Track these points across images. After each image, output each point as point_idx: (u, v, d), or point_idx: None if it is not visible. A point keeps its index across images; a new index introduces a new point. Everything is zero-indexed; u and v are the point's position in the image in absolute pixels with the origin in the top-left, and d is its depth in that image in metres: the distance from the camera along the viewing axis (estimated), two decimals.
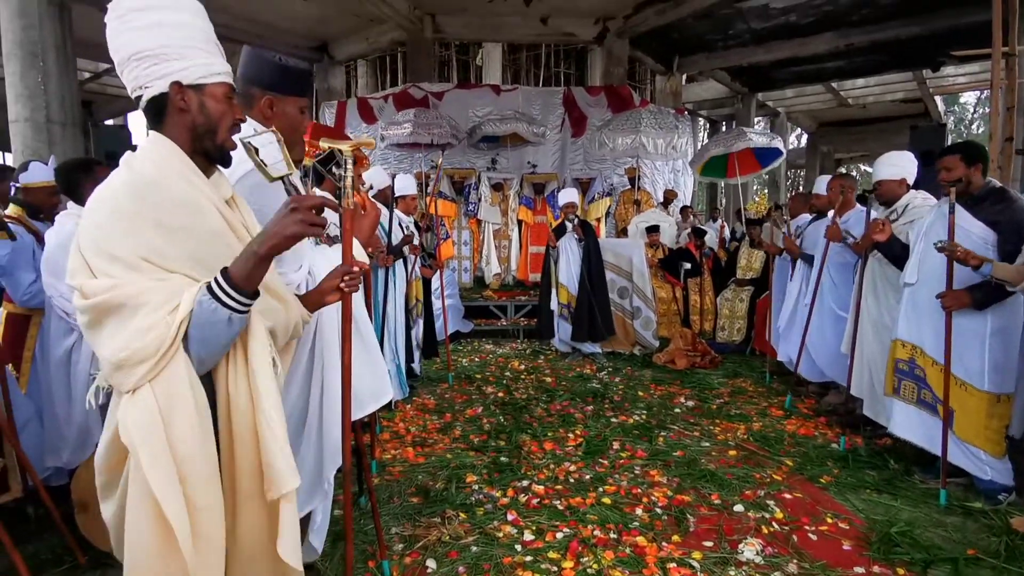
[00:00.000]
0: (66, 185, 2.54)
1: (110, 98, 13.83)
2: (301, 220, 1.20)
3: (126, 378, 1.16)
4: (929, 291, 2.90)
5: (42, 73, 5.66)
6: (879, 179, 3.51)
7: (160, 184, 1.24)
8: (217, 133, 1.32)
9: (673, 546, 2.47)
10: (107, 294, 1.15)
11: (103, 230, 1.18)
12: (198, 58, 1.28)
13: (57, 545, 2.46)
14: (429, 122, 7.64)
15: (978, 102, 26.47)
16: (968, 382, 2.82)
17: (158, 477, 1.14)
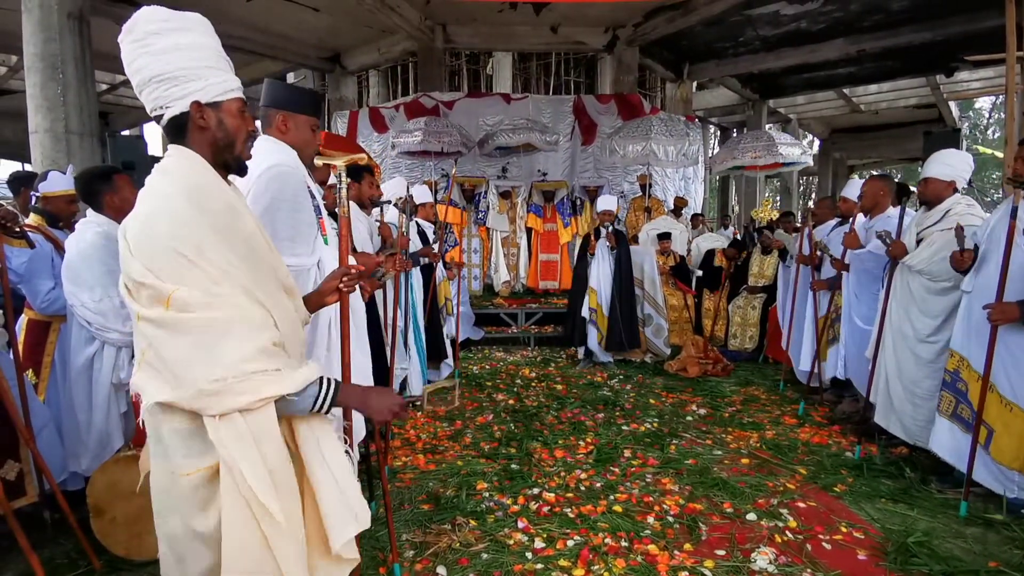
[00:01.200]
0: (86, 193, 2.58)
1: (126, 109, 14.08)
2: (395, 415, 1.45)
3: (217, 403, 1.19)
4: (982, 300, 2.71)
5: (61, 85, 5.77)
6: (928, 176, 3.28)
7: (206, 191, 1.30)
8: (235, 146, 1.39)
9: (685, 554, 2.45)
10: (202, 312, 1.18)
11: (172, 236, 1.20)
12: (214, 77, 1.33)
13: (72, 550, 2.49)
14: (439, 130, 7.72)
15: (993, 107, 26.22)
16: (1015, 402, 2.63)
17: (261, 483, 1.21)
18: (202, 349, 1.18)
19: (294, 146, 1.89)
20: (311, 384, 1.30)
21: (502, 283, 8.15)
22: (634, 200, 8.75)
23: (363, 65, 11.69)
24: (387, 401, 1.44)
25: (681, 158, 7.67)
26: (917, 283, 3.26)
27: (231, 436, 1.20)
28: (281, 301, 1.38)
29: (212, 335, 1.19)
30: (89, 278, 2.45)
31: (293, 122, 1.90)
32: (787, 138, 7.74)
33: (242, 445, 1.21)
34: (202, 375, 1.17)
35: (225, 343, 1.19)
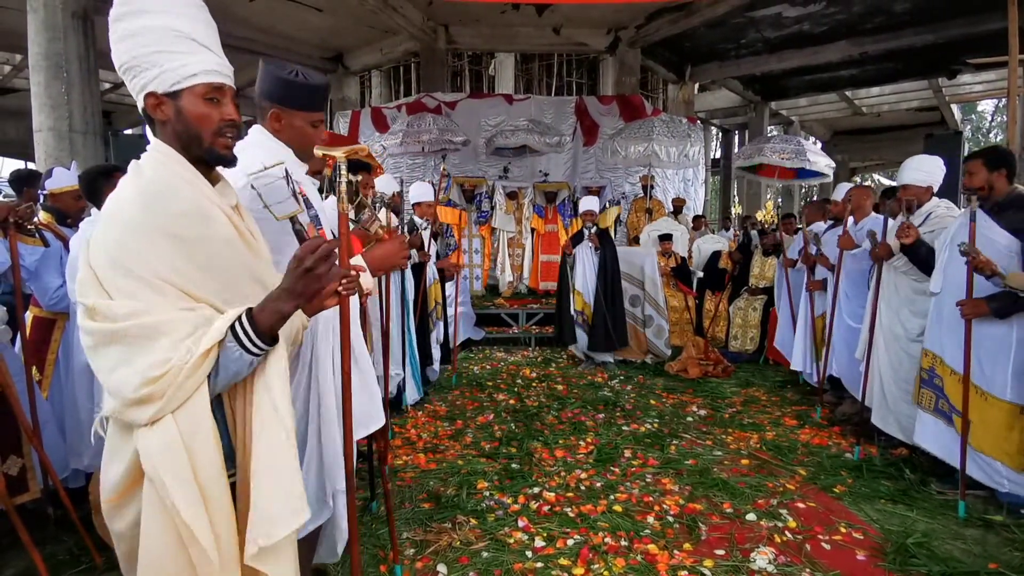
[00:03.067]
0: (89, 191, 2.60)
1: (129, 108, 14.11)
2: (316, 276, 1.17)
3: (145, 412, 1.10)
4: (952, 300, 2.86)
5: (65, 83, 5.81)
6: (905, 183, 3.44)
7: (168, 192, 1.18)
8: (201, 139, 1.24)
9: (685, 554, 2.46)
10: (129, 321, 1.09)
11: (118, 244, 1.12)
12: (169, 62, 1.19)
13: (74, 546, 2.50)
14: (420, 129, 7.60)
15: (996, 110, 26.21)
16: (989, 392, 2.76)
17: (186, 501, 1.11)
18: (121, 358, 1.09)
19: (289, 144, 1.72)
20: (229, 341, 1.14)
21: (507, 283, 8.16)
22: (635, 201, 8.76)
23: (365, 65, 11.73)
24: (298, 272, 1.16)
25: (683, 159, 7.68)
26: (905, 284, 3.34)
27: (158, 445, 1.11)
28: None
29: (132, 344, 1.09)
30: None
31: (287, 119, 1.69)
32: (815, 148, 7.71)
33: (169, 455, 1.10)
34: (122, 385, 1.09)
35: (145, 352, 1.09)
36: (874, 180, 24.54)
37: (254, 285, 1.28)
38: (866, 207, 4.18)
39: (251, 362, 1.18)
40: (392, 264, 1.79)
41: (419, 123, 7.74)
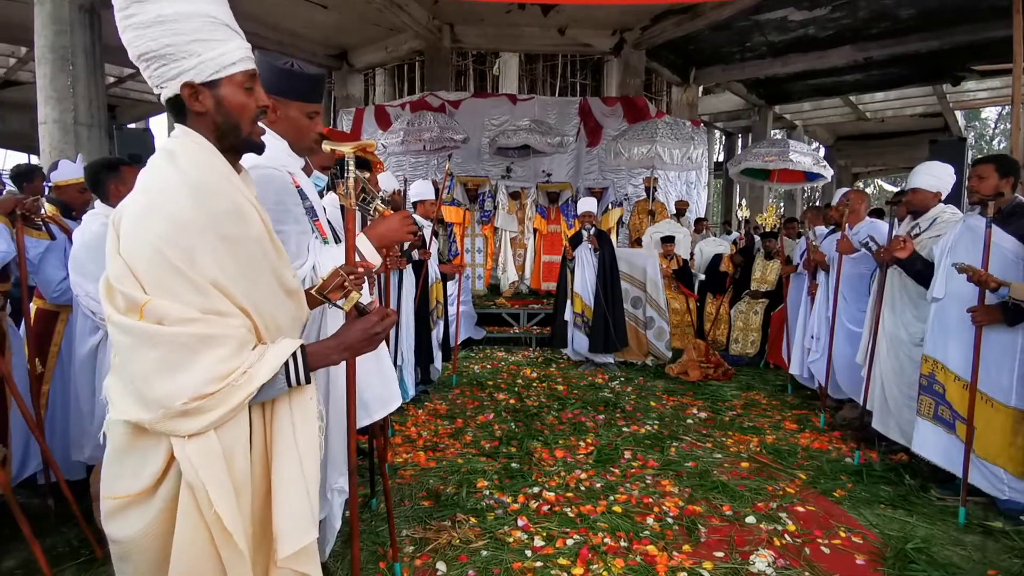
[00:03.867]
0: (93, 184, 2.60)
1: (133, 102, 14.16)
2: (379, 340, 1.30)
3: (191, 424, 1.09)
4: (957, 306, 2.83)
5: (71, 76, 5.82)
6: (915, 187, 3.40)
7: (212, 189, 1.15)
8: (240, 128, 1.22)
9: (684, 555, 2.46)
10: (181, 328, 1.06)
11: (167, 240, 1.07)
12: (208, 51, 1.16)
13: (74, 538, 2.51)
14: (420, 128, 7.62)
15: (999, 118, 26.20)
16: (994, 397, 2.74)
17: (228, 509, 1.12)
18: (170, 367, 1.06)
19: (286, 136, 1.70)
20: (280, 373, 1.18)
21: (509, 283, 8.17)
22: (638, 203, 8.76)
23: (370, 63, 11.74)
24: (362, 331, 1.27)
25: (686, 162, 7.68)
26: (911, 287, 3.32)
27: (201, 455, 1.10)
28: (281, 306, 1.28)
29: (183, 353, 1.07)
30: (94, 268, 2.46)
31: (283, 110, 1.66)
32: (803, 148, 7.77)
33: (212, 465, 1.10)
34: (167, 396, 1.06)
35: (196, 362, 1.07)
36: (876, 186, 24.55)
37: (275, 284, 1.27)
38: (860, 211, 4.20)
39: (285, 390, 1.21)
40: (396, 238, 1.79)
41: (420, 121, 7.74)
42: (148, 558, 1.17)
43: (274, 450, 1.24)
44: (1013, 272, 2.69)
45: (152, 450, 1.13)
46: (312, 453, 1.27)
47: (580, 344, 5.78)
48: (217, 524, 1.12)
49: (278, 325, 1.27)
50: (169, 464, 1.14)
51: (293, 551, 1.21)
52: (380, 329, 1.28)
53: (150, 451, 1.14)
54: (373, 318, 1.29)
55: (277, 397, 1.23)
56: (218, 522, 1.11)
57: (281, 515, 1.22)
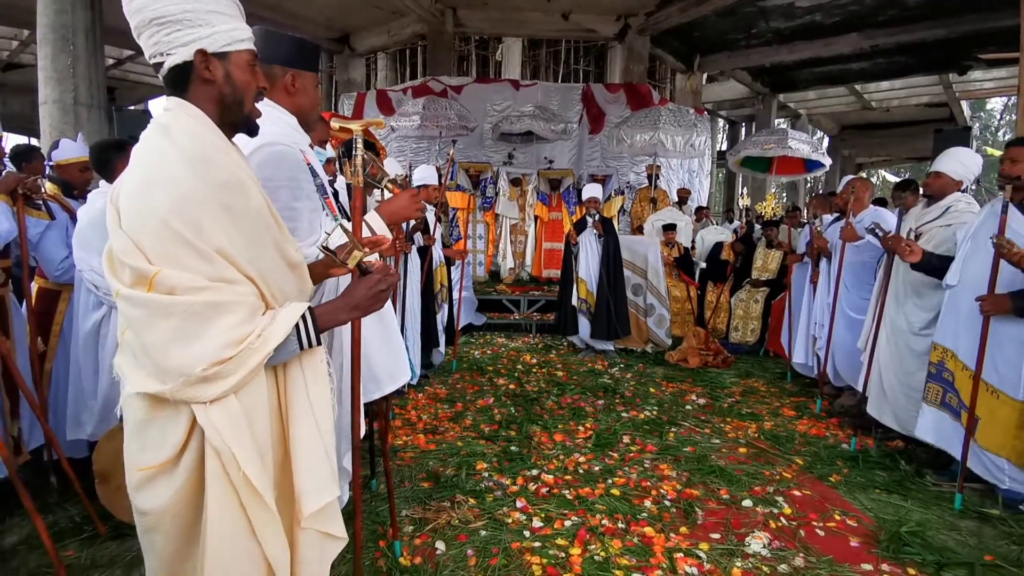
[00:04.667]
0: (99, 163, 2.60)
1: (132, 84, 14.09)
2: (385, 298, 1.33)
3: (211, 390, 1.11)
4: (970, 295, 2.77)
5: (72, 56, 5.79)
6: (939, 171, 3.30)
7: (211, 161, 1.16)
8: (244, 104, 1.26)
9: (681, 537, 2.49)
10: (192, 296, 1.08)
11: (172, 211, 1.08)
12: (222, 24, 1.19)
13: (77, 515, 2.53)
14: (438, 113, 7.64)
15: (1005, 108, 26.01)
16: (1001, 389, 2.70)
17: (256, 470, 1.15)
18: (185, 335, 1.08)
19: (301, 109, 1.70)
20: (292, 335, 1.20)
21: (508, 270, 8.17)
22: (640, 191, 8.74)
23: (372, 47, 11.66)
24: (367, 289, 1.31)
25: (689, 149, 7.65)
26: (914, 277, 3.29)
27: (224, 419, 1.12)
28: (284, 278, 1.29)
29: (197, 321, 1.08)
30: (98, 244, 2.47)
31: (302, 81, 1.67)
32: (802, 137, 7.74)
33: (235, 428, 1.13)
34: (185, 364, 1.08)
35: (211, 329, 1.09)
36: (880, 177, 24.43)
37: (278, 257, 1.28)
38: (864, 200, 4.17)
39: (296, 352, 1.24)
40: (406, 215, 1.82)
41: (434, 106, 7.73)
42: (178, 524, 1.19)
43: (290, 413, 1.27)
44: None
45: (172, 420, 1.15)
46: (326, 414, 1.30)
47: (583, 330, 5.79)
48: (245, 486, 1.15)
49: (284, 294, 1.28)
50: (190, 432, 1.16)
51: (317, 508, 1.25)
52: (384, 286, 1.32)
53: (170, 421, 1.15)
54: (376, 276, 1.32)
55: (289, 361, 1.26)
56: (246, 484, 1.14)
57: (302, 474, 1.25)
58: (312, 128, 1.80)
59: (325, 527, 1.29)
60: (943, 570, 2.28)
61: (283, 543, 1.22)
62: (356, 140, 1.54)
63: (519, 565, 2.27)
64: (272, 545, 1.20)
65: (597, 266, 5.67)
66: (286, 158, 1.58)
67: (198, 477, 1.17)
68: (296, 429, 1.27)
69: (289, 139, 1.64)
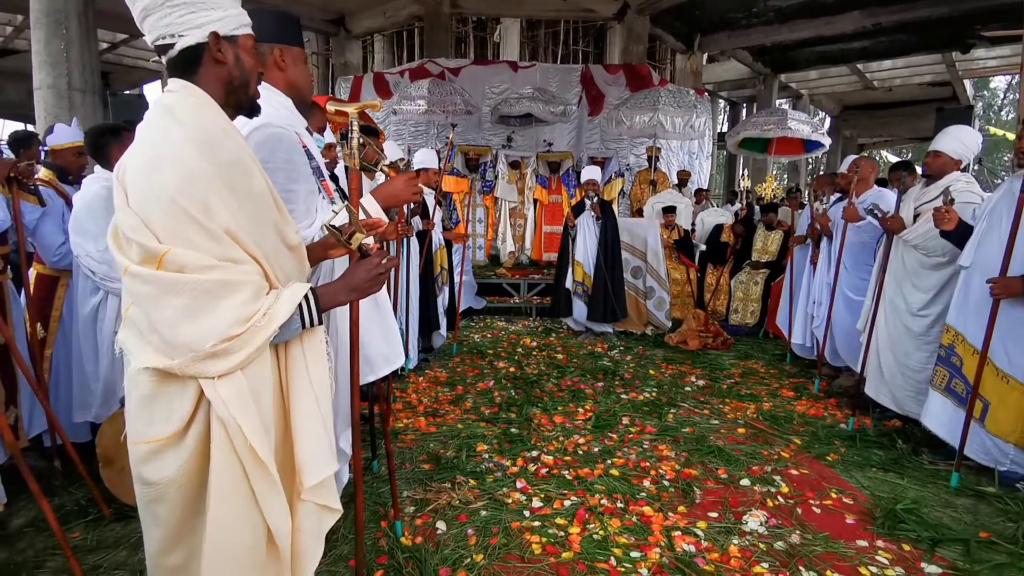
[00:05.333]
0: (94, 149, 2.58)
1: (127, 69, 13.96)
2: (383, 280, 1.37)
3: (219, 366, 1.14)
4: (981, 277, 2.72)
5: (65, 40, 5.73)
6: (938, 150, 3.25)
7: (216, 141, 1.18)
8: (249, 86, 1.30)
9: (679, 516, 2.52)
10: (202, 275, 1.11)
11: (179, 190, 1.10)
12: (232, 8, 1.25)
13: (82, 498, 2.56)
14: (443, 98, 7.58)
15: (1008, 87, 25.74)
16: (1011, 375, 2.67)
17: (262, 443, 1.19)
18: (194, 312, 1.11)
19: (294, 85, 1.70)
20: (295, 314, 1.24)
21: (508, 253, 8.15)
22: (640, 173, 8.68)
23: (368, 29, 11.52)
24: (366, 272, 1.34)
25: (688, 130, 7.59)
26: (912, 257, 3.30)
27: (231, 393, 1.16)
28: (284, 260, 1.31)
29: (207, 299, 1.11)
30: (94, 228, 2.47)
31: (290, 56, 1.68)
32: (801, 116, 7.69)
33: (242, 402, 1.17)
34: (195, 340, 1.11)
35: (219, 307, 1.12)
36: (882, 157, 24.29)
37: (277, 238, 1.30)
38: (869, 180, 4.13)
39: (299, 331, 1.27)
40: (403, 198, 1.87)
41: (440, 90, 7.66)
42: (184, 495, 1.22)
43: (291, 389, 1.31)
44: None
45: (179, 394, 1.18)
46: (325, 392, 1.35)
47: (579, 313, 5.80)
48: (251, 457, 1.19)
49: (286, 274, 1.31)
50: (197, 405, 1.19)
51: (317, 480, 1.30)
52: (383, 269, 1.35)
53: (176, 395, 1.18)
54: (375, 259, 1.35)
55: (291, 341, 1.30)
56: (252, 455, 1.18)
57: (303, 448, 1.30)
58: (308, 105, 1.78)
59: (323, 500, 1.34)
60: (938, 546, 2.31)
61: (285, 511, 1.25)
62: (352, 123, 1.54)
63: (519, 544, 2.30)
64: (275, 514, 1.24)
65: (595, 249, 5.66)
66: (282, 140, 1.58)
67: (204, 449, 1.20)
68: (297, 405, 1.31)
69: (285, 121, 1.63)
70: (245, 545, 1.23)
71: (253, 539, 1.23)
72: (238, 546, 1.22)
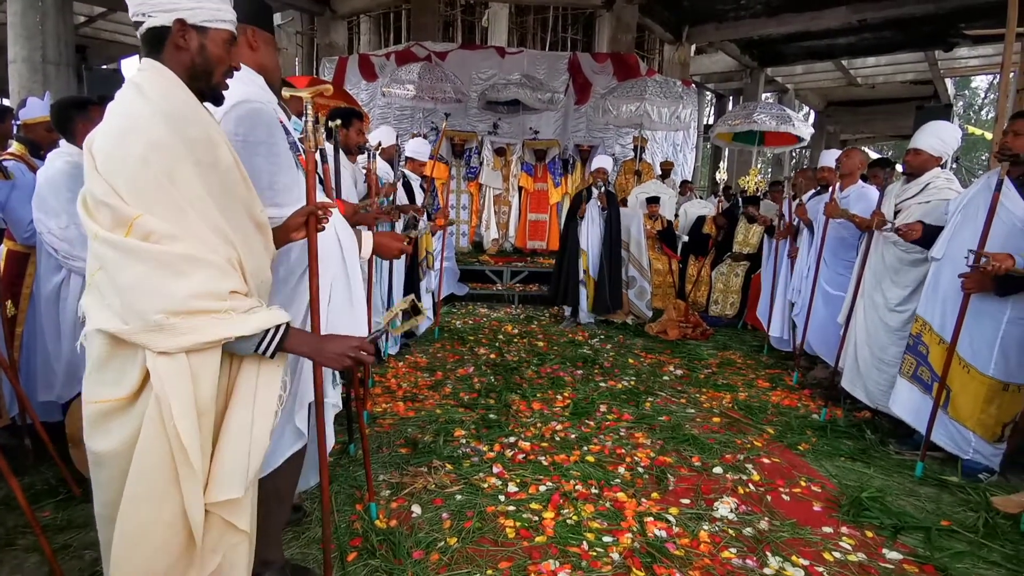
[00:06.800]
0: (59, 122, 2.52)
1: (104, 43, 13.59)
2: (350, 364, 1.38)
3: (163, 341, 1.15)
4: (952, 270, 2.79)
5: (40, 13, 5.58)
6: (917, 147, 3.28)
7: (183, 117, 1.22)
8: (212, 76, 1.32)
9: (652, 502, 2.55)
10: (163, 244, 1.13)
11: (144, 161, 1.13)
12: (209, 2, 1.27)
13: (52, 477, 2.54)
14: (433, 84, 7.52)
15: (990, 87, 26.15)
16: (973, 364, 2.76)
17: (187, 427, 1.19)
18: (156, 280, 1.13)
19: (264, 68, 1.73)
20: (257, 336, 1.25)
21: (491, 241, 8.14)
22: (625, 163, 8.70)
23: (354, 9, 11.32)
24: (341, 346, 1.37)
25: (674, 121, 7.62)
26: (891, 253, 3.34)
27: (170, 370, 1.17)
28: (251, 238, 1.34)
29: (170, 268, 1.14)
30: (56, 205, 2.42)
31: (262, 38, 1.72)
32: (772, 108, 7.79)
33: (178, 382, 1.17)
34: (151, 307, 1.13)
35: (180, 278, 1.14)
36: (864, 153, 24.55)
37: (246, 216, 1.32)
38: (855, 174, 4.11)
39: (249, 352, 1.29)
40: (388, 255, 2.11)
41: (430, 76, 7.57)
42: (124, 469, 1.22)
43: (231, 403, 1.31)
44: (1015, 242, 2.58)
45: (130, 360, 1.20)
46: (266, 419, 1.33)
47: (582, 303, 5.80)
48: (176, 439, 1.18)
49: (252, 252, 1.32)
50: (147, 376, 1.20)
51: (216, 500, 1.26)
52: (354, 355, 1.38)
53: (128, 360, 1.20)
54: (354, 342, 1.39)
55: (248, 357, 1.31)
56: (177, 437, 1.18)
57: (216, 464, 1.27)
58: (277, 88, 1.81)
59: (229, 516, 1.31)
60: (900, 533, 2.38)
61: (200, 503, 1.24)
62: (307, 106, 1.56)
63: (493, 528, 2.32)
64: (191, 502, 1.23)
65: (598, 240, 5.69)
66: (261, 115, 1.60)
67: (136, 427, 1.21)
68: (229, 421, 1.29)
69: (262, 98, 1.65)
70: (160, 523, 1.22)
71: (170, 518, 1.23)
72: (151, 524, 1.22)
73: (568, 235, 5.92)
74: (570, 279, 5.82)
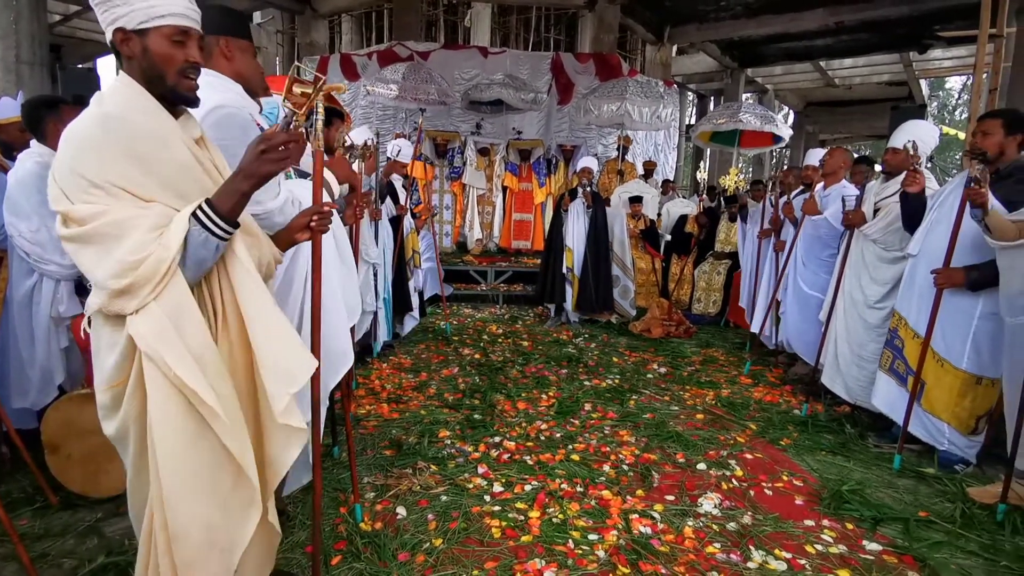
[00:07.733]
0: (30, 122, 2.47)
1: (79, 42, 13.34)
2: (272, 159, 1.29)
3: (130, 301, 1.22)
4: (927, 265, 2.86)
5: (14, 12, 5.47)
6: (896, 147, 3.32)
7: (126, 119, 1.27)
8: (165, 77, 1.32)
9: (637, 499, 2.57)
10: (95, 221, 1.21)
11: (74, 158, 1.22)
12: (140, 1, 1.27)
13: (28, 485, 2.48)
14: (417, 85, 7.48)
15: (963, 88, 26.71)
16: (947, 359, 2.82)
17: (187, 370, 1.24)
18: (102, 251, 1.21)
19: (241, 75, 1.77)
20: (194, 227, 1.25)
21: (475, 241, 8.12)
22: (608, 162, 8.74)
23: (336, 8, 11.23)
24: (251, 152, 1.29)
25: (655, 120, 7.67)
26: (871, 251, 3.40)
27: (148, 326, 1.23)
28: None
29: (108, 237, 1.21)
30: (26, 207, 2.37)
31: (237, 47, 1.77)
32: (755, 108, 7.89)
33: (161, 333, 1.24)
34: (105, 274, 1.21)
35: (119, 240, 1.21)
36: None
37: None
38: (839, 173, 4.13)
39: (217, 246, 1.29)
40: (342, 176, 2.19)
41: (414, 76, 7.52)
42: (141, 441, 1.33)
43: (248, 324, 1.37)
44: (982, 240, 2.59)
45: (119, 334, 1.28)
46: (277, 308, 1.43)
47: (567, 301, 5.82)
48: (184, 387, 1.25)
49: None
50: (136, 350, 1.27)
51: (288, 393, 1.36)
52: (264, 146, 1.28)
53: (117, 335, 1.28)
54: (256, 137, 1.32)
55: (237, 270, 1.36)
56: (183, 384, 1.24)
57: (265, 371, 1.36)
58: (259, 92, 1.86)
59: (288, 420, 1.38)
60: (879, 525, 2.42)
61: (236, 434, 1.31)
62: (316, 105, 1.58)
63: (478, 528, 2.32)
64: (228, 437, 1.29)
65: (583, 238, 5.70)
66: (234, 118, 1.65)
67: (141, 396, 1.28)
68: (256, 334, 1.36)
69: (237, 103, 1.71)
70: (205, 465, 1.30)
71: (212, 460, 1.30)
72: (200, 468, 1.29)
73: (554, 233, 5.93)
74: (556, 277, 5.84)
